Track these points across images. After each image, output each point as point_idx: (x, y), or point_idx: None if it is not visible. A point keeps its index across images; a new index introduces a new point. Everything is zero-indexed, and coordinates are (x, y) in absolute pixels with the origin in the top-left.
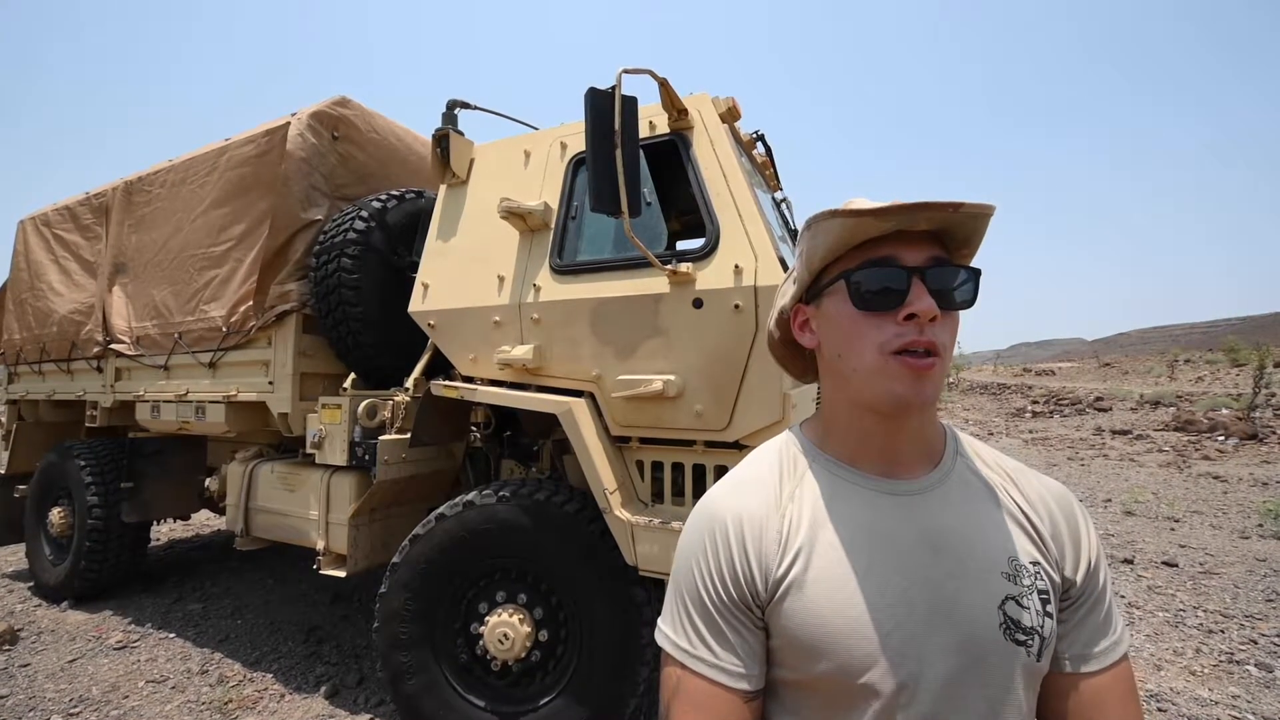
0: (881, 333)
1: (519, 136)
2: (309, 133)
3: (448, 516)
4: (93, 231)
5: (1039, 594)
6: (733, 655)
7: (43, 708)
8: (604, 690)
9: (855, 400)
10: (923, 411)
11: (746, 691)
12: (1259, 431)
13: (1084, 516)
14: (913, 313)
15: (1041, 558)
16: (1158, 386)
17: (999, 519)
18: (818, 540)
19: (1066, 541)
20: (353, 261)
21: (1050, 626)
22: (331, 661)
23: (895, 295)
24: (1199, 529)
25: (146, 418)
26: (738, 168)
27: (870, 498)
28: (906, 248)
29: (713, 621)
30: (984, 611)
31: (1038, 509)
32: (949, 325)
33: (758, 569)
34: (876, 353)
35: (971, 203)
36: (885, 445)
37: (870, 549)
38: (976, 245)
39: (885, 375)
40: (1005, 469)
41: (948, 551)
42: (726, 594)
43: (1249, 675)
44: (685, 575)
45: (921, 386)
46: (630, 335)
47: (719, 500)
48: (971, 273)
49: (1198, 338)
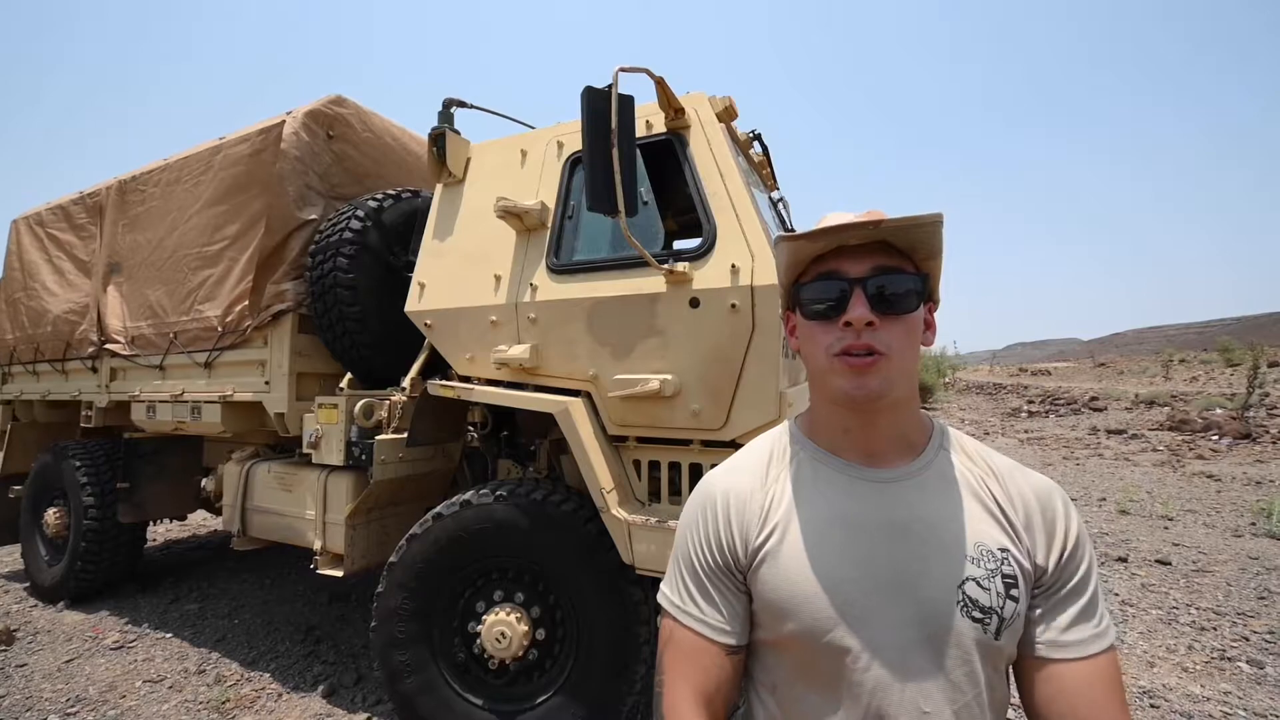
0: (828, 336)
1: (515, 136)
2: (304, 132)
3: (445, 516)
4: (87, 231)
5: (1003, 578)
6: (716, 612)
7: (39, 708)
8: (601, 689)
9: (825, 395)
10: (876, 403)
11: (728, 645)
12: (1252, 431)
13: (1065, 510)
14: (848, 320)
15: (1011, 545)
16: (1153, 386)
17: (972, 508)
18: (795, 516)
19: (1039, 531)
20: (349, 261)
21: (1012, 609)
22: (329, 661)
23: (834, 305)
24: (1192, 528)
25: (142, 418)
26: (734, 167)
27: (847, 483)
28: (851, 261)
29: (701, 583)
30: (943, 589)
31: (1014, 501)
32: (894, 328)
33: (739, 538)
34: (824, 354)
35: (894, 218)
36: (861, 437)
37: (842, 528)
38: (928, 251)
39: (832, 373)
40: (990, 464)
41: (914, 534)
42: (712, 559)
43: (1240, 672)
44: (682, 543)
45: (864, 381)
46: (627, 335)
47: (713, 479)
48: (915, 279)
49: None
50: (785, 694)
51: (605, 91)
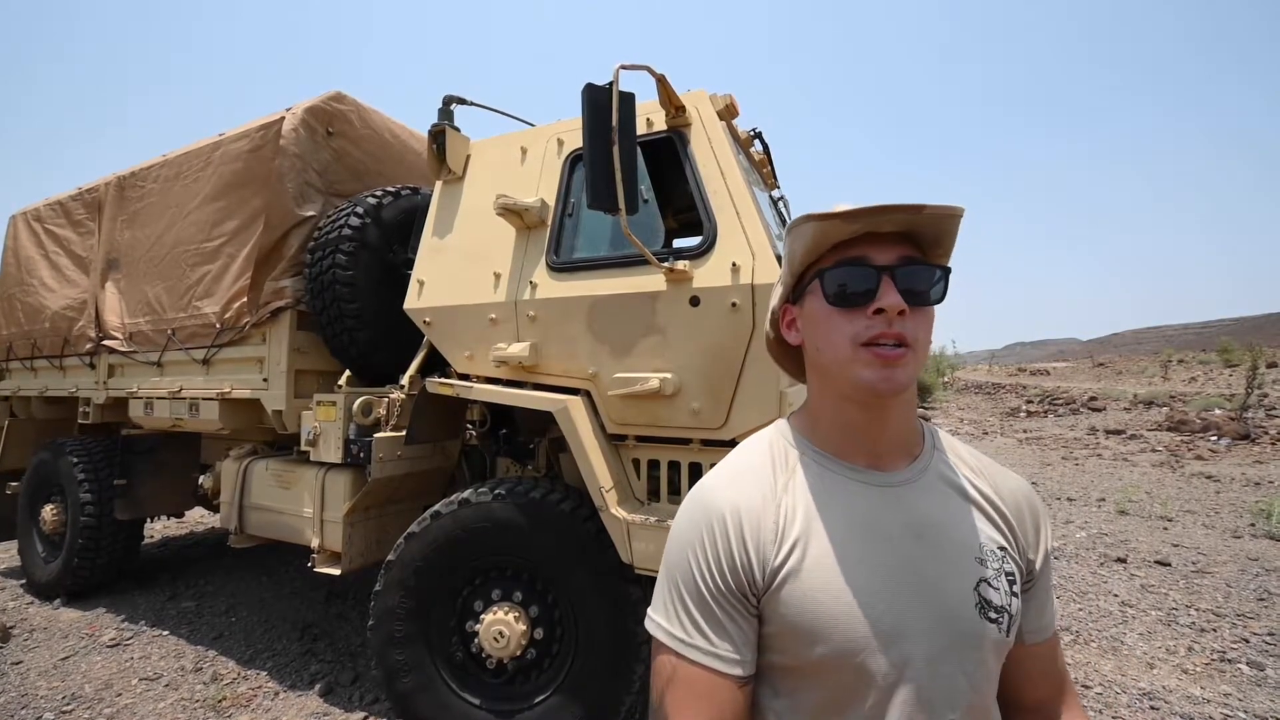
0: (853, 326)
1: (515, 133)
2: (303, 128)
3: (443, 514)
4: (85, 227)
5: (1006, 575)
6: (728, 643)
7: (35, 705)
8: (599, 688)
9: (836, 392)
10: (895, 398)
11: (740, 678)
12: (1251, 432)
13: (1043, 508)
14: (881, 307)
15: (1007, 543)
16: (1151, 387)
17: (971, 509)
18: (813, 530)
19: (1030, 530)
20: (348, 258)
21: (1016, 605)
22: (326, 659)
23: (865, 293)
24: (1192, 528)
25: (140, 414)
26: (735, 165)
27: (859, 489)
28: (877, 248)
29: (709, 610)
30: (962, 593)
31: (1005, 500)
32: (920, 320)
33: (755, 559)
34: (849, 344)
35: (934, 205)
36: (868, 438)
37: (862, 538)
38: (949, 244)
39: (857, 364)
40: (978, 463)
41: (929, 539)
42: (724, 583)
43: (1241, 674)
44: (680, 565)
45: (892, 374)
46: (627, 333)
47: (714, 491)
48: (941, 271)
49: (1191, 338)
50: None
51: (606, 89)
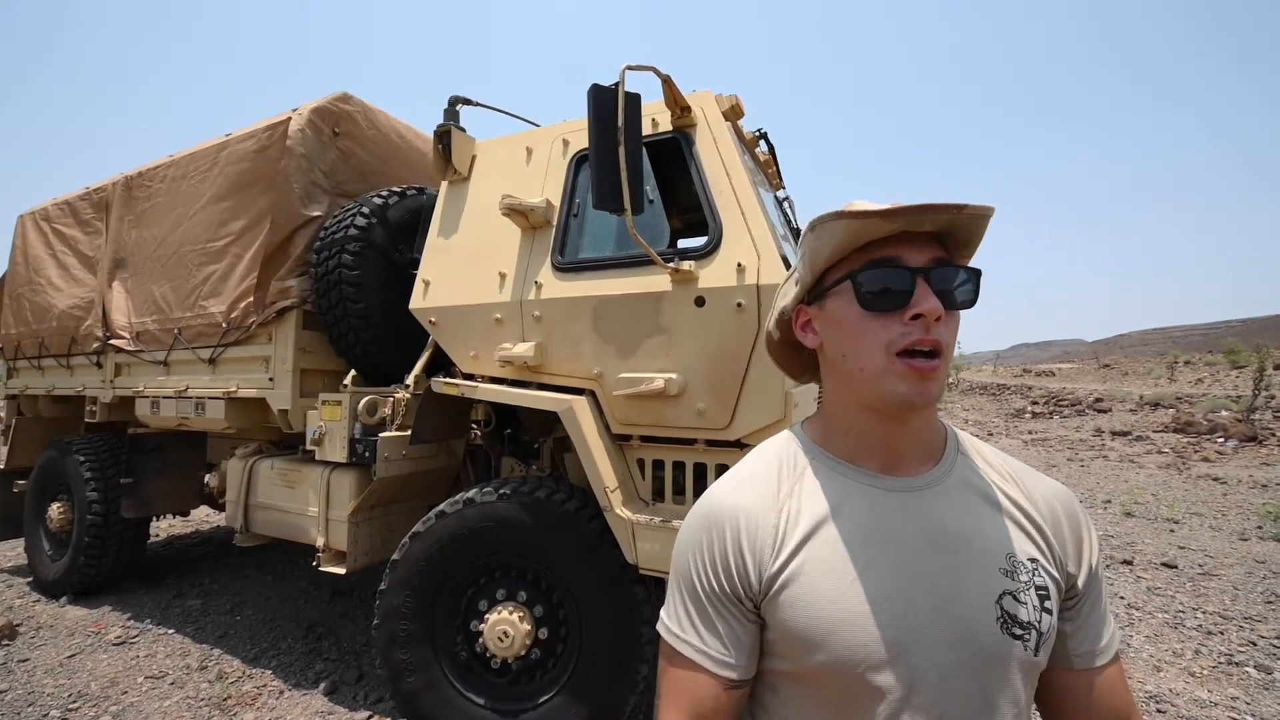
0: (887, 332)
1: (521, 133)
2: (310, 129)
3: (448, 514)
4: (92, 226)
5: (1037, 590)
6: (719, 643)
7: (41, 703)
8: (603, 688)
9: (859, 400)
10: (924, 411)
11: (729, 679)
12: (1258, 433)
13: (1085, 518)
14: (919, 313)
15: (1041, 556)
16: (1157, 388)
17: (998, 517)
18: (816, 536)
19: (1069, 541)
20: (353, 258)
21: (1049, 622)
22: (331, 658)
23: (900, 296)
24: (1198, 530)
25: (146, 413)
26: (740, 166)
27: (871, 494)
28: (910, 249)
29: (703, 609)
30: (981, 606)
31: (1040, 508)
32: (951, 325)
33: (751, 563)
34: (883, 353)
35: (974, 205)
36: (886, 444)
37: (869, 545)
38: (976, 246)
39: (891, 375)
40: (1008, 469)
41: (946, 548)
42: (719, 585)
43: (1248, 677)
44: (682, 566)
45: (926, 387)
46: (632, 333)
47: (718, 496)
48: (972, 273)
49: (1197, 339)
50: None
51: (612, 89)
